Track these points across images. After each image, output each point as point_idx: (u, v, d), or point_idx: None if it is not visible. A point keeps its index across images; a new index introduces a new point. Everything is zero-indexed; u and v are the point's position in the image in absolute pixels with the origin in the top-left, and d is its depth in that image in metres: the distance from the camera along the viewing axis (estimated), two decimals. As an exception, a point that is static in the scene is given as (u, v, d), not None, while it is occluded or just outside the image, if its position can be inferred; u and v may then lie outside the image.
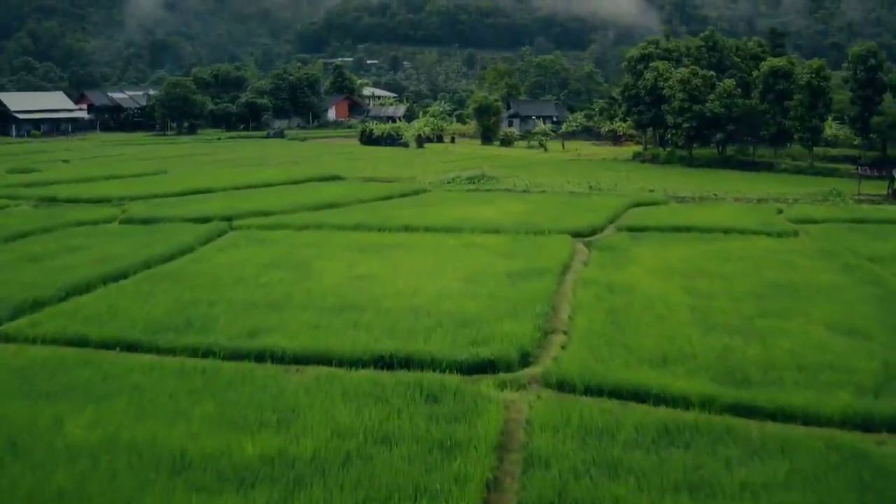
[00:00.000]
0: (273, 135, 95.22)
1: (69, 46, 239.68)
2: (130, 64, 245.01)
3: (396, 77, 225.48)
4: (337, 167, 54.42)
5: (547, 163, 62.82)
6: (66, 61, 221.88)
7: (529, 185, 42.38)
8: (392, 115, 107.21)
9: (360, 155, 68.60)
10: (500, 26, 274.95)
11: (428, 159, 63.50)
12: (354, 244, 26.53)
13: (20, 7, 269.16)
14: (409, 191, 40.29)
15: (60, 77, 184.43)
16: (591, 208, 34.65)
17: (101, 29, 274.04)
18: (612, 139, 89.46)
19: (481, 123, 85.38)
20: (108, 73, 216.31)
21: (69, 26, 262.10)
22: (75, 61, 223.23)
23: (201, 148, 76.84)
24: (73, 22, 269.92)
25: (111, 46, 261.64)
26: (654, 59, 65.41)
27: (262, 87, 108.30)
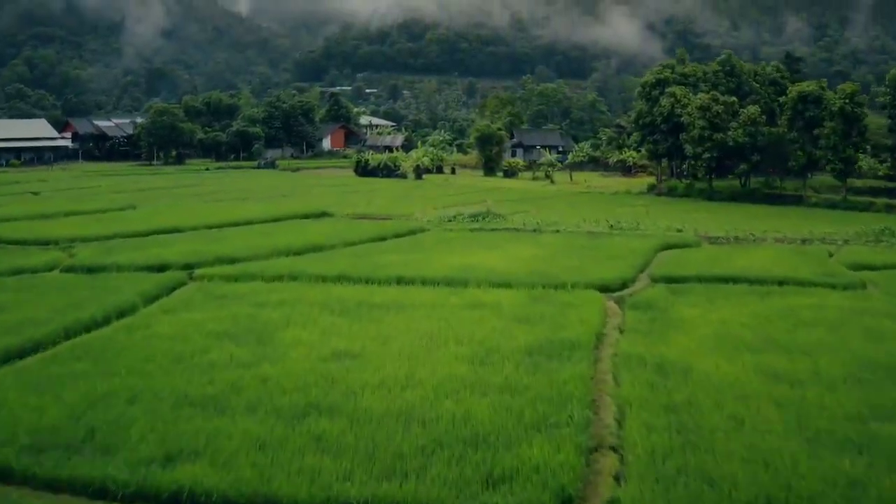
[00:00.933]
0: (264, 165, 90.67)
1: (66, 74, 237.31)
2: (126, 92, 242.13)
3: (395, 106, 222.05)
4: (326, 201, 49.64)
5: (556, 196, 58.02)
6: (62, 89, 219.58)
7: (540, 224, 37.46)
8: (390, 144, 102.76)
9: (353, 187, 63.85)
10: (500, 55, 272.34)
11: (426, 192, 58.73)
12: (335, 303, 21.48)
13: (17, 35, 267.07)
14: (405, 230, 35.42)
15: (53, 105, 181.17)
16: (616, 253, 29.69)
17: (99, 57, 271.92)
18: (622, 170, 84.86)
19: (483, 154, 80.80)
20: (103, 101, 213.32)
21: (66, 54, 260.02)
22: (71, 89, 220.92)
23: (185, 179, 72.12)
24: (70, 50, 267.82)
25: (108, 74, 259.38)
26: (670, 84, 60.89)
27: (255, 115, 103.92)
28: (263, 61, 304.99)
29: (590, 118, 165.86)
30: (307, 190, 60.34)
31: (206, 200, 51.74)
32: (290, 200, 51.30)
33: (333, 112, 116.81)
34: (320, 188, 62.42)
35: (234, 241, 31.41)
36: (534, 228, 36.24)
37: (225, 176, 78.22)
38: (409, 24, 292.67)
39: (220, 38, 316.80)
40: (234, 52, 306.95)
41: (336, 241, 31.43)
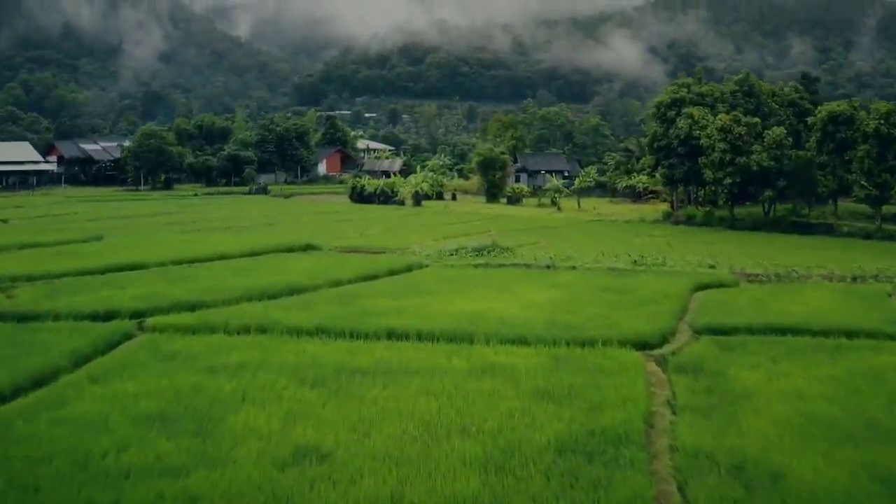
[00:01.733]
0: (255, 191, 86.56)
1: (61, 97, 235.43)
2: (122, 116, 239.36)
3: (395, 130, 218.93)
4: (315, 232, 45.40)
5: (565, 225, 53.74)
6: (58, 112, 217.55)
7: (554, 259, 33.03)
8: (388, 169, 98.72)
9: (347, 215, 59.62)
10: (501, 79, 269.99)
11: (426, 220, 54.49)
12: (307, 367, 16.93)
13: (14, 58, 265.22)
14: (401, 267, 31.02)
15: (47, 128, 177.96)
16: (646, 296, 25.23)
17: (95, 80, 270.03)
18: (632, 196, 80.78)
19: (486, 179, 76.66)
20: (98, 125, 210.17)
21: (62, 77, 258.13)
22: (67, 112, 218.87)
23: (169, 206, 67.88)
24: (66, 73, 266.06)
25: (104, 98, 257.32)
26: (687, 105, 56.80)
27: (248, 138, 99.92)
28: (262, 85, 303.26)
29: (593, 142, 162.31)
30: (297, 218, 56.09)
31: (185, 230, 47.45)
32: (276, 230, 47.03)
33: (329, 135, 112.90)
34: (311, 216, 58.16)
35: (201, 281, 27.01)
36: (547, 264, 31.85)
37: (212, 202, 74.05)
38: (408, 48, 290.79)
39: (219, 62, 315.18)
40: (232, 76, 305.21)
41: (319, 281, 27.01)
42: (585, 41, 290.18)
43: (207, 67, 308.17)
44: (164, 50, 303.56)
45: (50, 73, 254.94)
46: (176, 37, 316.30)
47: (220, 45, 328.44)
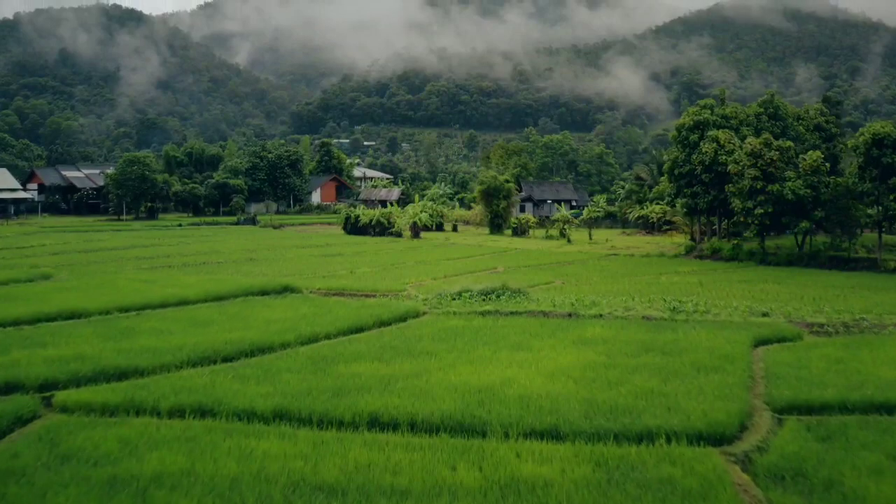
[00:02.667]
0: (244, 221, 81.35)
1: (56, 124, 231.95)
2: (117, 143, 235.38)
3: (394, 159, 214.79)
4: (299, 268, 40.09)
5: (579, 261, 48.38)
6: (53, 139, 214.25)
7: (576, 305, 27.66)
8: (385, 198, 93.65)
9: (338, 248, 54.31)
10: (502, 107, 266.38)
11: (424, 255, 49.13)
12: (248, 485, 11.50)
13: (8, 84, 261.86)
14: (393, 316, 25.66)
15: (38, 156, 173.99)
16: (702, 358, 19.76)
17: (91, 107, 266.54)
18: (644, 227, 75.62)
19: (490, 209, 71.43)
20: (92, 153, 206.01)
21: (58, 104, 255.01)
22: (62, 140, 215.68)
23: (146, 238, 62.58)
24: (62, 100, 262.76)
25: (100, 125, 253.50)
26: (710, 127, 51.72)
27: (237, 165, 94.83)
28: (260, 113, 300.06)
29: (597, 171, 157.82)
30: (282, 252, 50.76)
31: (155, 265, 42.14)
32: (256, 267, 41.69)
33: (324, 163, 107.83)
34: (298, 250, 52.81)
35: (144, 337, 21.67)
36: (569, 312, 26.55)
37: (194, 233, 68.79)
38: (408, 76, 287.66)
39: (217, 90, 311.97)
40: (230, 104, 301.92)
41: (290, 337, 21.63)
42: (587, 69, 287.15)
43: (205, 95, 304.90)
44: (161, 77, 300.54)
45: (45, 99, 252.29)
46: (174, 64, 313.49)
47: (219, 72, 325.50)
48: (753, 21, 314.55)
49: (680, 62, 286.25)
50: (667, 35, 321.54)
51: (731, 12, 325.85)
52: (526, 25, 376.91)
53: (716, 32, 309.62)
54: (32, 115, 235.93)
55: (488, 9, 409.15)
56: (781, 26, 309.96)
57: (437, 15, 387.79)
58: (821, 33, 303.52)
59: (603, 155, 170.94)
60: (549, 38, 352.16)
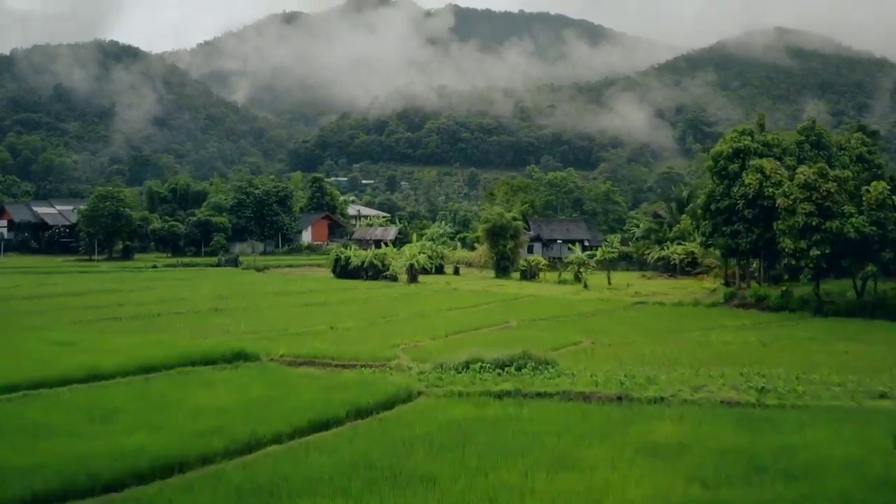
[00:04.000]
0: (225, 262, 74.18)
1: (49, 161, 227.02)
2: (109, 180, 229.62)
3: (392, 197, 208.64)
4: (268, 324, 32.86)
5: (603, 311, 41.17)
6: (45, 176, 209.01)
7: (626, 383, 20.40)
8: (381, 238, 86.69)
9: (323, 295, 47.10)
10: (503, 144, 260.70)
11: (422, 304, 41.87)
12: None
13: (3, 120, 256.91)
14: (375, 401, 18.25)
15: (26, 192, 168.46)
16: (853, 490, 12.89)
17: (85, 144, 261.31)
18: (665, 270, 68.64)
19: (495, 250, 64.26)
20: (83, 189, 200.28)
21: (51, 141, 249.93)
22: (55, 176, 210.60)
23: (111, 281, 55.35)
24: (55, 136, 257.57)
25: (93, 162, 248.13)
26: (751, 156, 44.83)
27: (222, 202, 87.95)
28: (257, 151, 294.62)
29: (604, 209, 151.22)
30: (256, 300, 43.56)
31: (97, 318, 34.88)
32: (219, 319, 34.44)
33: (316, 200, 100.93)
34: (276, 297, 45.60)
35: (15, 437, 14.71)
36: (618, 394, 19.43)
37: (167, 277, 61.60)
38: (408, 113, 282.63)
39: (214, 127, 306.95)
40: (226, 142, 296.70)
41: (220, 444, 14.44)
42: (589, 106, 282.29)
43: (202, 132, 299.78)
44: (157, 114, 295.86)
45: (39, 135, 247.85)
46: (170, 101, 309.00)
47: (216, 110, 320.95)
48: (757, 59, 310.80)
49: (684, 99, 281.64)
50: (670, 72, 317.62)
51: (733, 50, 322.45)
52: (526, 63, 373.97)
53: (719, 70, 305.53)
54: (25, 152, 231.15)
55: (488, 46, 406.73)
56: (785, 64, 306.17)
57: (437, 53, 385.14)
58: (825, 70, 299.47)
59: (609, 193, 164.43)
60: (550, 75, 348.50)
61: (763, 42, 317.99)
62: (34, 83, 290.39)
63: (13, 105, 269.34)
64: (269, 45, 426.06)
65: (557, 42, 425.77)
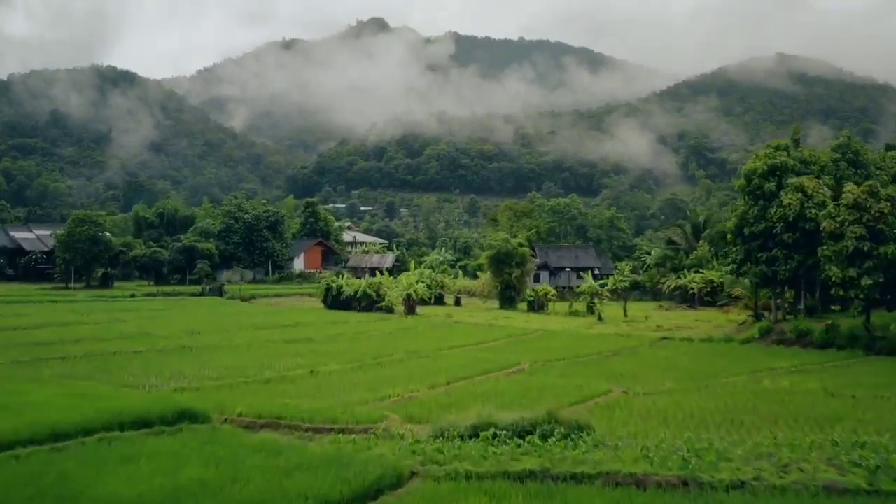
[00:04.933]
0: (209, 291, 69.14)
1: (44, 186, 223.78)
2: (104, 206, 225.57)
3: (391, 224, 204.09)
4: (237, 366, 27.81)
5: (627, 348, 36.06)
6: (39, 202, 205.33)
7: (689, 459, 15.45)
8: (377, 265, 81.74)
9: (309, 329, 42.02)
10: (504, 171, 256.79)
11: (420, 341, 36.75)
12: None
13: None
14: (352, 492, 13.61)
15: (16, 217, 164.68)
16: None
17: (80, 169, 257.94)
18: (682, 300, 63.70)
19: (500, 278, 59.18)
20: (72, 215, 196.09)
21: (46, 166, 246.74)
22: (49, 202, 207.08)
23: (79, 313, 50.27)
24: (51, 162, 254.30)
25: (88, 187, 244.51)
26: (788, 173, 39.94)
27: (209, 227, 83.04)
28: (255, 178, 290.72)
29: (608, 236, 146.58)
30: (232, 336, 38.46)
31: (41, 357, 29.83)
32: (180, 360, 29.39)
33: (310, 225, 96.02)
34: (256, 332, 40.55)
35: None
36: (682, 477, 14.45)
37: (143, 307, 56.48)
38: (407, 140, 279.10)
39: (211, 153, 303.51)
40: (224, 168, 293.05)
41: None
42: (591, 132, 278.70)
43: (199, 159, 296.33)
44: (154, 139, 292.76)
45: (34, 161, 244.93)
46: (167, 126, 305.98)
47: (214, 135, 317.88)
48: (759, 84, 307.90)
49: (686, 125, 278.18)
50: (671, 98, 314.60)
51: (735, 76, 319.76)
52: (526, 90, 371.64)
53: (721, 96, 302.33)
54: (20, 177, 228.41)
55: (488, 74, 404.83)
56: (788, 89, 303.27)
57: (436, 79, 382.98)
58: (829, 96, 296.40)
59: (614, 219, 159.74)
60: (551, 102, 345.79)
61: (765, 68, 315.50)
62: (31, 108, 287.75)
63: (9, 130, 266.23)
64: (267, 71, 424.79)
65: (557, 69, 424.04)
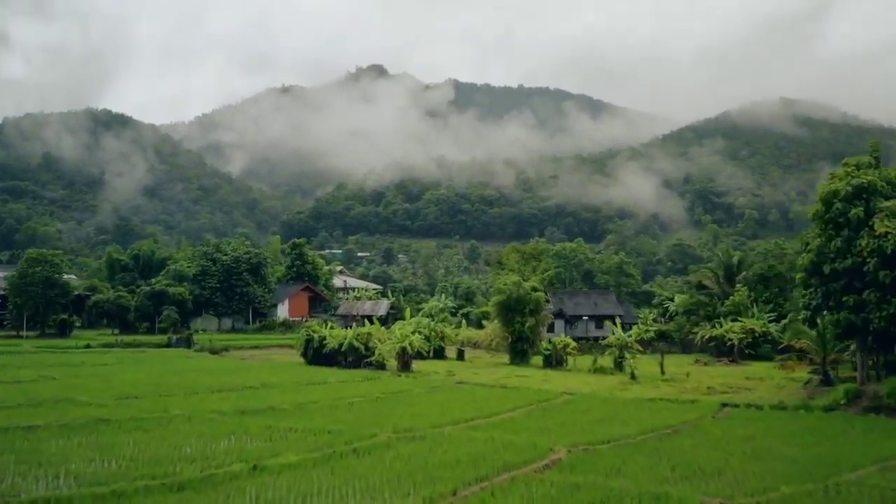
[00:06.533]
0: (176, 341, 60.61)
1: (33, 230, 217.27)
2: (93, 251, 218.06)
3: (389, 270, 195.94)
4: (149, 457, 19.34)
5: (689, 426, 27.25)
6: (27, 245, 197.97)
7: None
8: (370, 313, 73.37)
9: (275, 395, 33.32)
10: (505, 216, 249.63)
11: (413, 415, 27.94)
12: None
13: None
14: None
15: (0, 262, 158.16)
16: None
17: (72, 213, 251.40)
18: (718, 353, 55.25)
19: (510, 328, 50.52)
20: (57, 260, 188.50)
21: (36, 209, 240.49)
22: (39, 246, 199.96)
23: (5, 369, 41.89)
24: (41, 205, 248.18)
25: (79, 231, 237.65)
26: (876, 196, 31.92)
27: (183, 270, 74.75)
28: (251, 223, 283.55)
29: (616, 282, 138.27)
30: (174, 402, 29.78)
31: None
32: (80, 443, 20.99)
33: (296, 269, 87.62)
34: (206, 397, 31.91)
35: None
36: None
37: (93, 361, 47.76)
38: (406, 184, 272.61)
39: (206, 198, 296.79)
40: (219, 213, 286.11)
41: None
42: (594, 176, 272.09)
43: (193, 203, 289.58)
44: (148, 184, 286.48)
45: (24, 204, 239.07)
46: (162, 170, 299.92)
47: (209, 180, 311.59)
48: (764, 128, 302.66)
49: (691, 169, 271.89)
50: (675, 143, 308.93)
51: (739, 120, 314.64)
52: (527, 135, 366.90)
53: (727, 140, 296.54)
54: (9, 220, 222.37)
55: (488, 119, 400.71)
56: (794, 133, 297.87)
57: (436, 125, 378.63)
58: (836, 139, 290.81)
59: (622, 265, 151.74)
60: (552, 147, 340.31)
61: (769, 112, 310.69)
62: (23, 151, 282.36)
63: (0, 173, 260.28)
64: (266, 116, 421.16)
65: (557, 115, 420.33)
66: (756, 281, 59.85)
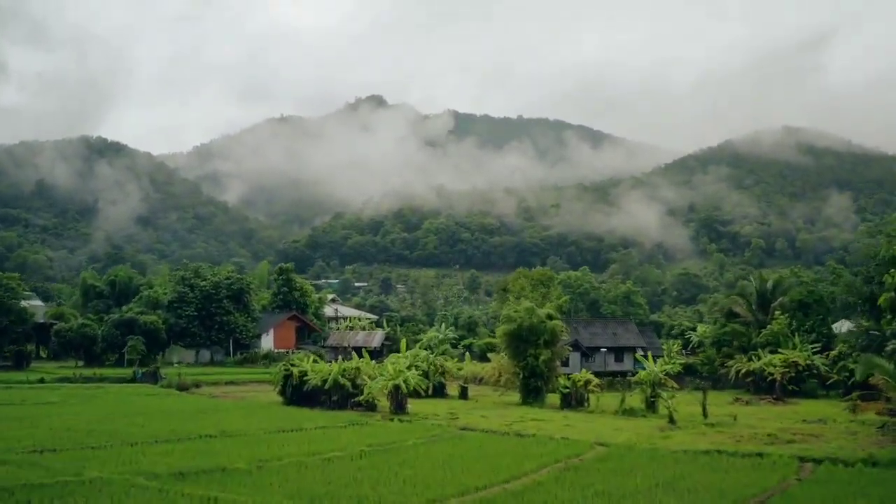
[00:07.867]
0: (142, 376, 53.76)
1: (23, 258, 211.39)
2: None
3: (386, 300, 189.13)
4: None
5: (778, 496, 20.61)
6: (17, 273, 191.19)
7: None
8: (363, 344, 66.67)
9: (233, 448, 26.43)
10: (506, 245, 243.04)
11: (404, 480, 21.18)
12: None
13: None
14: None
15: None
16: None
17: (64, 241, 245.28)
18: (758, 389, 48.48)
19: (521, 362, 43.36)
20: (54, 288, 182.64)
21: (27, 237, 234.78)
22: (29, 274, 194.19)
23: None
24: (33, 233, 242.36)
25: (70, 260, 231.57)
26: None
27: (158, 296, 68.07)
28: (247, 253, 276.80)
29: (624, 312, 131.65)
30: (96, 459, 23.13)
31: None
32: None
33: (283, 296, 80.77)
34: (143, 450, 25.13)
35: None
36: None
37: (36, 399, 40.94)
38: (404, 213, 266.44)
39: (202, 227, 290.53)
40: (214, 242, 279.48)
41: None
42: (596, 205, 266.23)
43: (188, 232, 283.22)
44: (142, 212, 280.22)
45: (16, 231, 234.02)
46: (156, 199, 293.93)
47: (204, 209, 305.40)
48: (767, 157, 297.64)
49: (695, 198, 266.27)
50: (678, 171, 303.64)
51: (742, 149, 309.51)
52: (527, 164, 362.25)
53: (731, 169, 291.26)
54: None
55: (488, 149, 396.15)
56: (798, 161, 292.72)
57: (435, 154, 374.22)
58: (840, 167, 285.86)
59: (630, 294, 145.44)
60: (553, 176, 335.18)
61: (772, 140, 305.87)
62: (16, 178, 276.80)
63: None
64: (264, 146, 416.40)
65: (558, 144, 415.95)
66: (795, 308, 53.33)
